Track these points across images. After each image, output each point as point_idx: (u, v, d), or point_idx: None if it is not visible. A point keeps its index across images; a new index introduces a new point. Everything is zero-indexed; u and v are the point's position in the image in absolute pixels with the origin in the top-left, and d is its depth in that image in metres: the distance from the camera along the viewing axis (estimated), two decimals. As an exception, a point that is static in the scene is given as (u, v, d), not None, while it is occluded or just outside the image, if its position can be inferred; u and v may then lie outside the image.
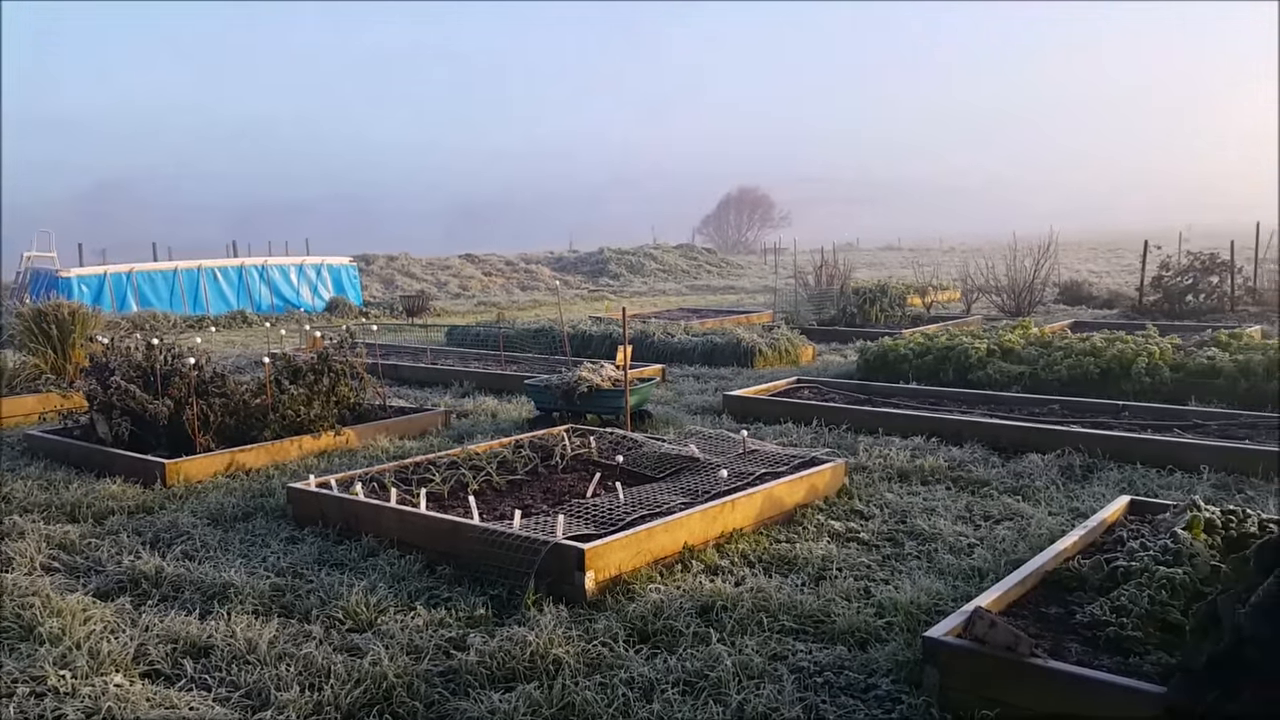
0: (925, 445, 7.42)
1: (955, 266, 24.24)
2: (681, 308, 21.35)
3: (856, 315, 16.43)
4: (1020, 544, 5.07)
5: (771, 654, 3.90)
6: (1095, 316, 17.03)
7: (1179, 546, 4.24)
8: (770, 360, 12.24)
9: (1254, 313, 16.18)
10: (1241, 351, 9.12)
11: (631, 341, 12.75)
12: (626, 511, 5.28)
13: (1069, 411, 8.20)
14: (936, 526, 5.45)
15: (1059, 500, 5.92)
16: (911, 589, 4.44)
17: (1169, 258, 17.40)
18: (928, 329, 13.73)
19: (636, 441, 6.89)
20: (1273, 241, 20.25)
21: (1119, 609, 3.74)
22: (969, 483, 6.42)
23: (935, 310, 18.44)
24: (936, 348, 10.46)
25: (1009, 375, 9.58)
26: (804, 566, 4.92)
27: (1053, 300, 19.75)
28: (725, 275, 36.27)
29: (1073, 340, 10.01)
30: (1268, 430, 7.33)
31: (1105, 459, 6.74)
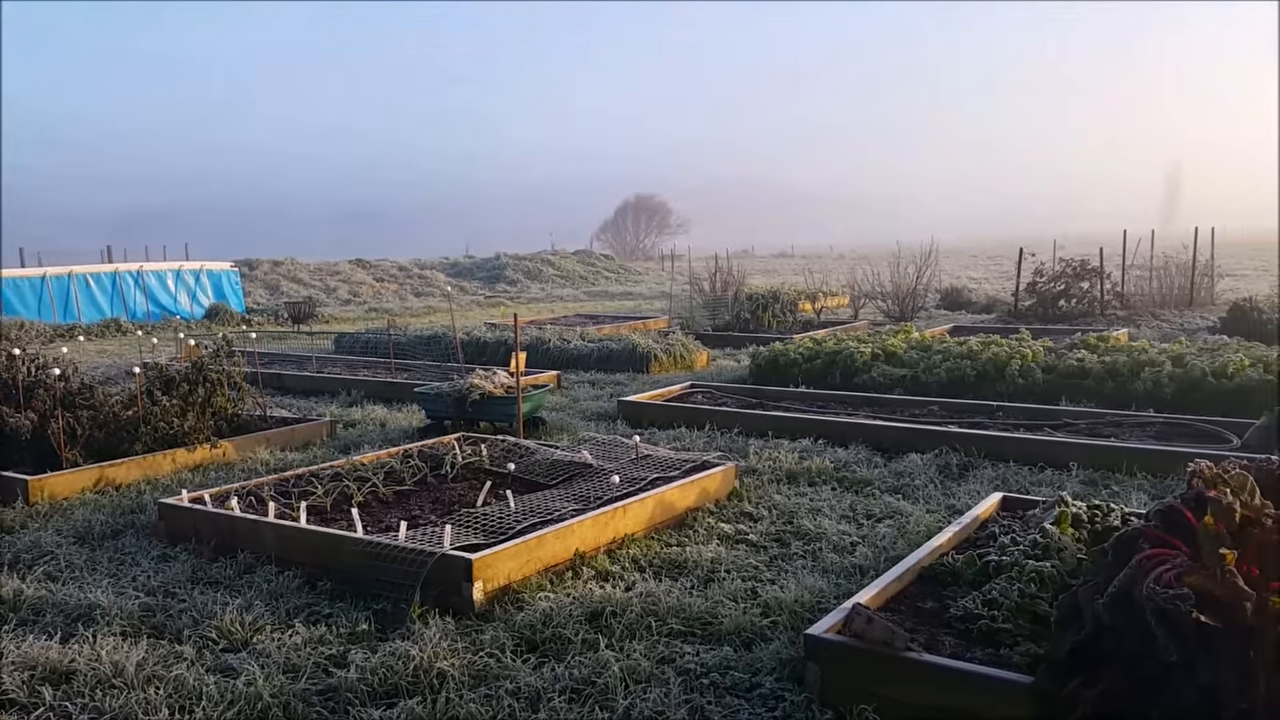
0: (813, 447, 7.57)
1: (845, 273, 24.88)
2: (579, 314, 21.34)
3: (750, 321, 16.70)
4: (900, 541, 5.22)
5: (659, 657, 3.91)
6: (974, 321, 17.71)
7: (1048, 541, 4.42)
8: (666, 365, 12.32)
9: (1122, 316, 17.08)
10: (1108, 353, 9.61)
11: (527, 348, 12.69)
12: (517, 520, 5.23)
13: (947, 412, 8.50)
14: (822, 526, 5.57)
15: (937, 498, 6.12)
16: (796, 588, 4.52)
17: (1043, 264, 18.23)
18: (817, 334, 14.05)
19: (529, 449, 6.83)
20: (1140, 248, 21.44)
21: (990, 602, 3.88)
22: (853, 483, 6.58)
23: (825, 315, 18.90)
24: (825, 352, 10.71)
25: (892, 378, 9.87)
26: (694, 569, 4.96)
27: (935, 305, 20.46)
28: (623, 281, 36.40)
29: (951, 344, 10.39)
30: (1132, 428, 7.74)
31: (981, 457, 7.01)
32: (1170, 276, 19.23)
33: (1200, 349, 9.77)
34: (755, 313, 16.87)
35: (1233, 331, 13.30)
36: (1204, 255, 20.19)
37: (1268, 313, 14.33)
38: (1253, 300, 15.11)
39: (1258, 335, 12.60)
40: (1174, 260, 19.63)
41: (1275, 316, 14.10)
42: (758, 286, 19.73)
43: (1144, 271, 19.72)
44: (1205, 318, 16.49)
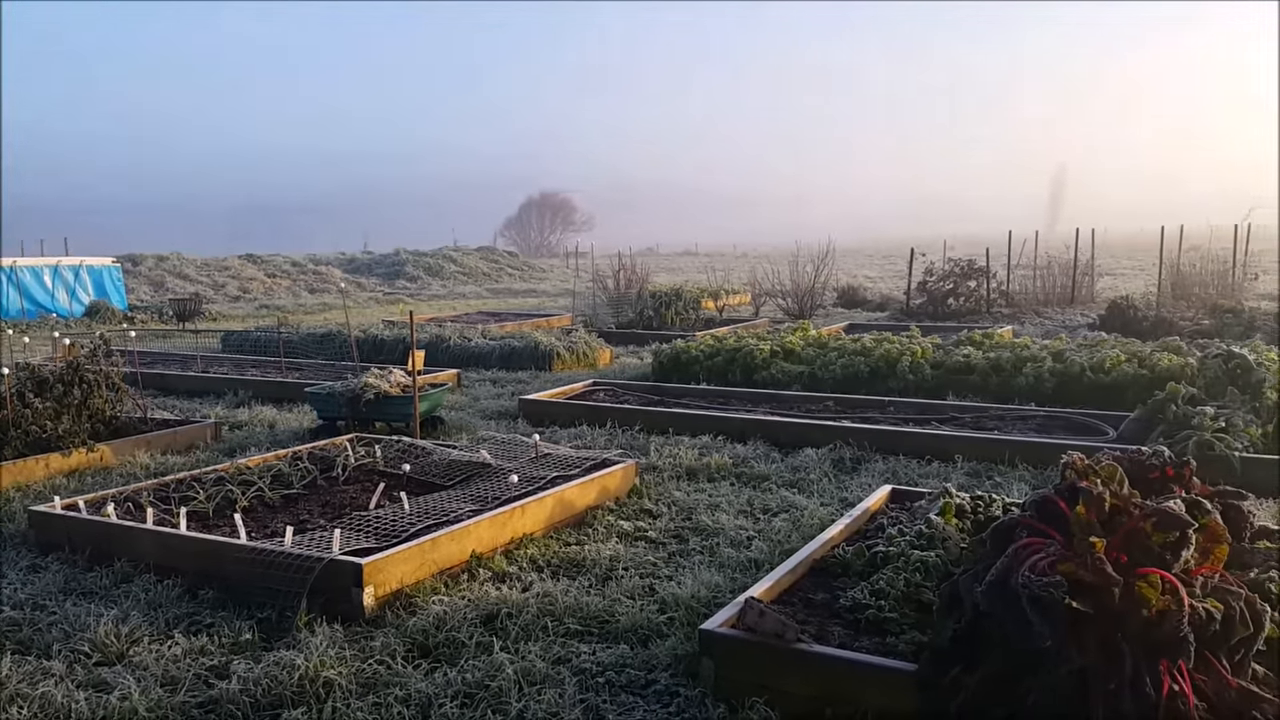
0: (713, 443, 7.64)
1: (747, 272, 25.22)
2: (481, 311, 21.10)
3: (654, 318, 16.79)
4: (794, 535, 5.30)
5: (555, 658, 3.88)
6: (869, 319, 18.18)
7: (932, 531, 4.56)
8: (569, 363, 12.28)
9: (1007, 314, 17.77)
10: (993, 350, 9.97)
11: (426, 346, 12.49)
12: (411, 522, 5.13)
13: (842, 407, 8.70)
14: (720, 522, 5.62)
15: (830, 491, 6.25)
16: (693, 584, 4.55)
17: (933, 264, 18.82)
18: (719, 331, 14.21)
19: (426, 449, 6.71)
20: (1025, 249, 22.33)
21: (878, 592, 3.98)
22: (751, 478, 6.66)
23: (727, 313, 19.14)
24: (725, 349, 10.83)
25: (790, 375, 10.05)
26: (592, 568, 4.94)
27: (832, 303, 20.92)
28: (527, 279, 36.16)
29: (846, 341, 10.63)
30: (1014, 421, 8.05)
31: (873, 451, 7.18)
32: (1053, 276, 20.10)
33: (1079, 345, 10.22)
34: (659, 310, 16.98)
35: (1111, 328, 13.95)
36: (1085, 255, 21.15)
37: (1143, 310, 15.10)
38: (1129, 298, 15.90)
39: (1134, 331, 13.26)
40: (1057, 260, 20.52)
41: (1150, 314, 14.87)
42: (661, 284, 19.86)
43: (1029, 271, 20.57)
44: (1085, 315, 17.27)
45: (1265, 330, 12.49)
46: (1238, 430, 6.47)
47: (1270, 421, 6.69)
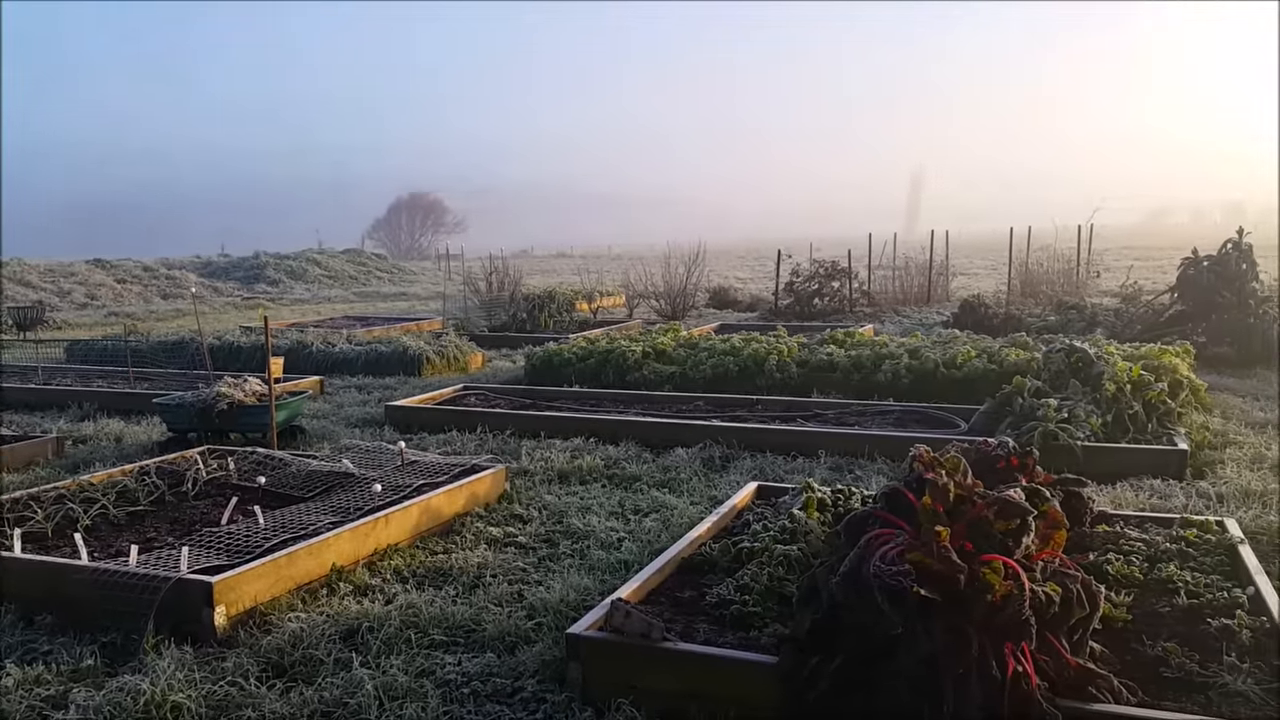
0: (585, 445, 7.62)
1: (621, 273, 25.33)
2: (347, 315, 20.51)
3: (527, 321, 16.67)
4: (664, 534, 5.34)
5: (419, 671, 3.78)
6: (740, 319, 18.53)
7: (795, 525, 4.67)
8: (439, 368, 12.06)
9: (869, 313, 18.41)
10: (854, 348, 10.30)
11: (286, 352, 12.03)
12: (266, 537, 4.92)
13: (712, 407, 8.82)
14: (590, 524, 5.61)
15: (700, 490, 6.32)
16: (562, 588, 4.52)
17: (799, 265, 19.34)
18: (592, 333, 14.21)
19: (283, 460, 6.45)
20: (885, 250, 23.20)
21: (743, 587, 4.04)
22: (623, 479, 6.68)
23: (601, 315, 19.17)
24: (598, 351, 10.84)
25: (662, 375, 10.13)
26: (459, 576, 4.85)
27: (704, 304, 21.21)
28: (397, 282, 35.35)
29: (716, 341, 10.79)
30: (874, 416, 8.33)
31: (741, 449, 7.31)
32: (911, 276, 20.95)
33: (934, 342, 10.66)
34: (532, 313, 16.87)
35: (963, 325, 14.61)
36: (940, 256, 22.12)
37: (994, 308, 15.87)
38: (980, 297, 16.70)
39: (985, 328, 13.92)
40: (914, 261, 21.40)
41: (1000, 311, 15.65)
42: (535, 287, 19.74)
43: (888, 271, 21.39)
44: (941, 313, 18.04)
45: (1106, 325, 13.31)
46: (1080, 420, 6.86)
47: (1109, 412, 7.12)
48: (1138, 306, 13.89)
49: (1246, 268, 11.64)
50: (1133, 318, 13.22)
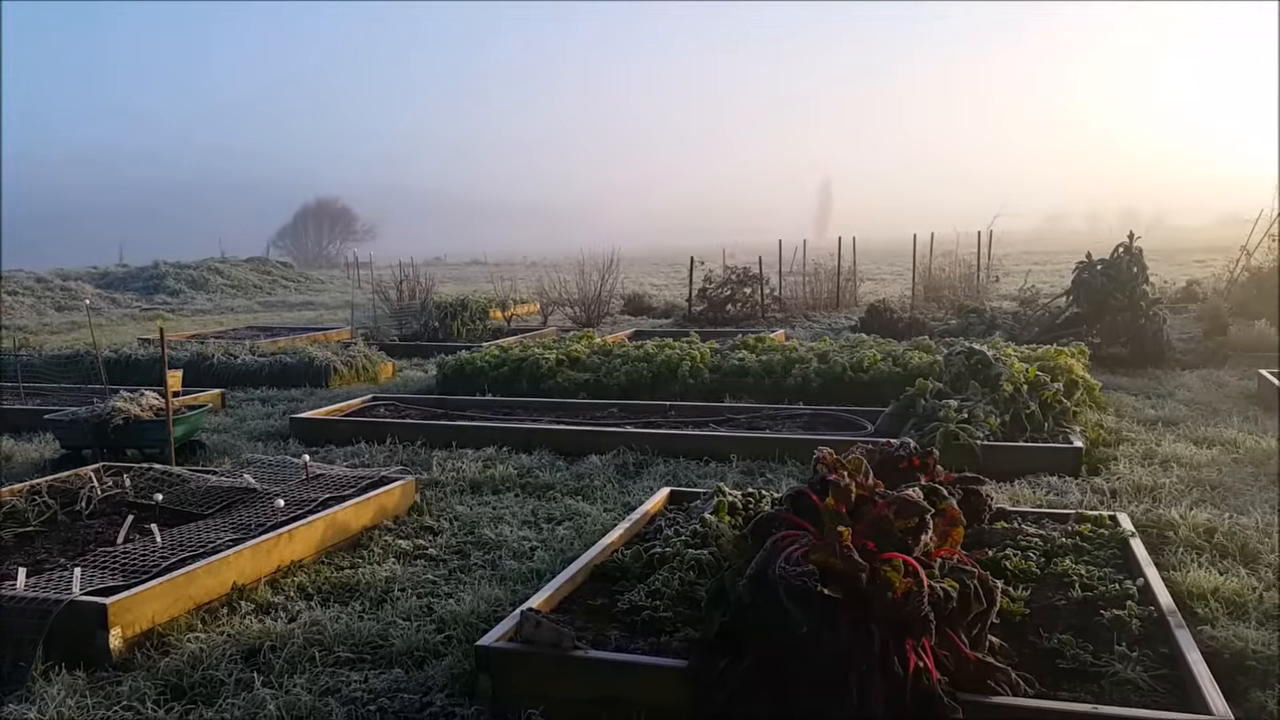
0: (498, 454, 7.55)
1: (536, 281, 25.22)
2: (251, 326, 19.92)
3: (439, 330, 16.45)
4: (577, 542, 5.32)
5: (323, 689, 3.69)
6: (654, 325, 18.62)
7: (706, 529, 4.71)
8: (347, 379, 11.81)
9: (780, 318, 18.69)
10: (765, 353, 10.45)
11: (187, 365, 11.65)
12: (164, 556, 4.74)
13: (626, 413, 8.84)
14: (503, 534, 5.56)
15: (614, 496, 6.32)
16: (473, 600, 4.47)
17: (712, 272, 19.53)
18: (506, 341, 14.10)
19: (182, 476, 6.23)
20: (796, 257, 23.59)
21: (654, 593, 4.05)
22: (536, 488, 6.64)
23: (516, 323, 19.02)
24: (511, 359, 10.76)
25: (576, 382, 10.11)
26: (366, 591, 4.75)
27: (619, 311, 21.26)
28: (303, 291, 34.51)
29: (630, 348, 10.83)
30: (784, 419, 8.46)
31: (655, 455, 7.33)
32: (820, 281, 21.35)
33: (842, 346, 10.88)
34: (444, 321, 16.66)
35: (870, 330, 14.94)
36: (848, 262, 22.60)
37: (899, 312, 16.28)
38: (886, 302, 17.12)
39: (891, 332, 14.26)
40: (823, 267, 21.81)
41: (905, 315, 16.06)
42: (447, 295, 19.49)
43: (799, 277, 21.76)
44: (849, 318, 18.42)
45: (1005, 328, 13.77)
46: (979, 420, 7.08)
47: (1007, 412, 7.37)
48: (1035, 309, 14.41)
49: (1137, 271, 12.17)
50: (1030, 320, 13.71)
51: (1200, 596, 4.30)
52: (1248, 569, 4.66)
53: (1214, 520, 5.34)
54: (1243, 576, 4.53)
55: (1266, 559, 4.76)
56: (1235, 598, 4.29)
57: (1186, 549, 4.93)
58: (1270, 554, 4.82)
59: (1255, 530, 5.18)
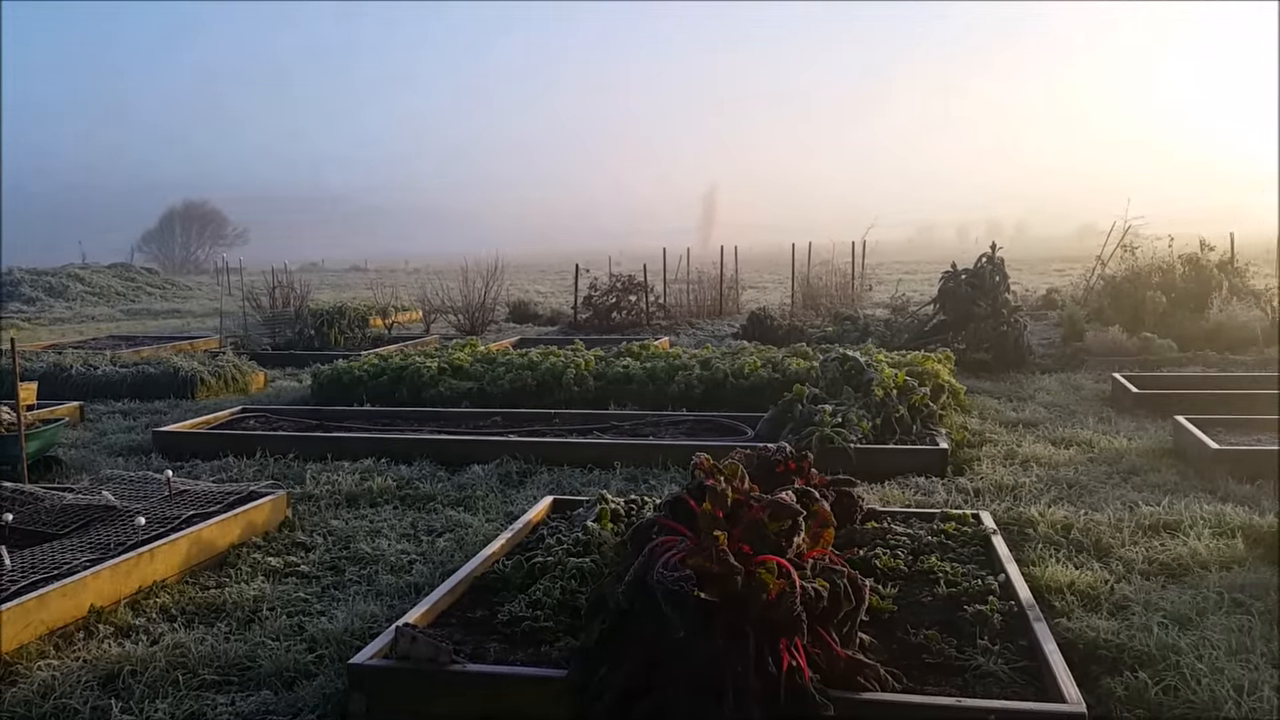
0: (376, 466, 7.37)
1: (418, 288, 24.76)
2: (113, 335, 18.93)
3: (315, 338, 15.98)
4: (458, 554, 5.24)
5: (187, 714, 3.52)
6: (540, 333, 18.53)
7: (589, 537, 4.70)
8: (215, 390, 11.33)
9: (665, 325, 18.86)
10: (649, 360, 10.52)
11: (41, 377, 10.96)
12: (14, 579, 4.45)
13: (510, 422, 8.77)
14: (380, 548, 5.42)
15: (497, 507, 6.25)
16: (347, 617, 4.34)
17: (597, 279, 19.58)
18: (385, 349, 13.81)
19: (34, 494, 5.86)
20: (681, 265, 23.87)
21: (535, 603, 4.03)
22: (416, 499, 6.51)
23: (397, 331, 18.63)
24: (391, 368, 10.53)
25: (459, 391, 9.97)
26: (234, 611, 4.56)
27: (504, 319, 21.08)
28: (170, 298, 33.00)
29: (514, 356, 10.74)
30: (668, 426, 8.54)
31: (539, 464, 7.29)
32: (704, 289, 21.66)
33: (724, 353, 11.05)
34: (320, 329, 16.18)
35: (751, 336, 15.25)
36: (731, 270, 23.00)
37: (778, 319, 16.66)
38: (766, 309, 17.49)
39: (771, 339, 14.58)
40: (707, 275, 22.14)
41: (784, 322, 16.44)
42: (325, 302, 18.95)
43: (683, 285, 22.02)
44: (731, 325, 18.73)
45: (877, 334, 14.24)
46: (852, 424, 7.30)
47: (879, 415, 7.62)
48: (905, 317, 14.97)
49: (999, 280, 12.77)
50: (901, 327, 14.22)
51: (1057, 590, 4.54)
52: (1100, 563, 4.93)
53: (1070, 517, 5.65)
54: (1096, 570, 4.79)
55: (1118, 553, 5.06)
56: (1089, 590, 4.54)
57: (1045, 545, 5.19)
58: (1121, 548, 5.12)
59: (1108, 525, 5.49)
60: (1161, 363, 12.06)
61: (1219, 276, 14.65)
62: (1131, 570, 4.79)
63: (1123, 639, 3.94)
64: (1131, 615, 4.20)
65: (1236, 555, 4.95)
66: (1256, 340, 12.82)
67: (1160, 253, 16.16)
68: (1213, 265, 14.88)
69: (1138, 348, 12.60)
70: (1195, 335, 13.14)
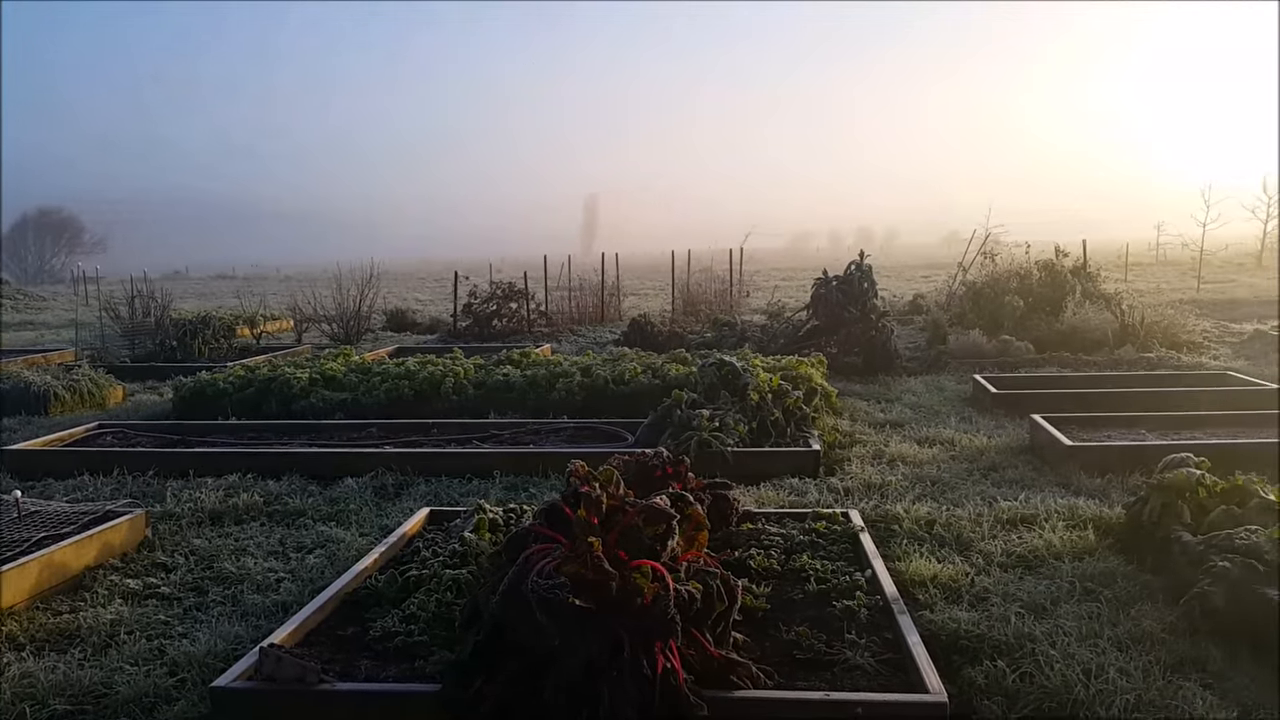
0: (242, 482, 7.09)
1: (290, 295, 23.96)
2: (-46, 349, 17.64)
3: (177, 349, 15.28)
4: (329, 570, 5.09)
5: (32, 751, 3.32)
6: (419, 342, 18.19)
7: (466, 548, 4.65)
8: (70, 406, 10.70)
9: (546, 332, 18.80)
10: (530, 367, 10.47)
11: None
12: None
13: (385, 433, 8.58)
14: (246, 567, 5.22)
15: (371, 520, 6.10)
16: (210, 638, 4.16)
17: (476, 287, 19.37)
18: (254, 360, 13.31)
19: None
20: (563, 272, 23.82)
21: (409, 617, 3.95)
22: (285, 515, 6.29)
23: (267, 341, 17.99)
24: (259, 380, 10.16)
25: (332, 403, 9.69)
26: (89, 637, 4.32)
27: (381, 327, 20.62)
28: (22, 309, 30.99)
29: (390, 365, 10.52)
30: (549, 434, 8.51)
31: (416, 475, 7.15)
32: (586, 296, 21.69)
33: (605, 360, 11.09)
34: (184, 340, 15.49)
35: (632, 343, 15.34)
36: (612, 277, 23.10)
37: (659, 326, 16.82)
38: (647, 316, 17.63)
39: (651, 345, 14.69)
40: (588, 282, 22.19)
41: (665, 329, 16.61)
42: (188, 311, 18.14)
43: (565, 292, 22.00)
44: (613, 331, 18.81)
45: (754, 340, 14.54)
46: (730, 428, 7.43)
47: (755, 419, 7.78)
48: (781, 322, 15.33)
49: (868, 286, 13.22)
50: (776, 332, 14.56)
51: (921, 584, 4.72)
52: (962, 556, 5.16)
53: (934, 513, 5.89)
54: (957, 563, 5.01)
55: (978, 546, 5.30)
56: (951, 583, 4.74)
57: (910, 540, 5.40)
58: (981, 541, 5.37)
59: (969, 520, 5.75)
60: (1019, 364, 12.71)
61: (1073, 281, 15.54)
62: (991, 563, 5.03)
63: (982, 629, 4.13)
64: (991, 606, 4.41)
65: (1088, 546, 5.25)
66: (1108, 341, 13.65)
67: (1018, 259, 17.07)
68: (1067, 271, 15.77)
69: (997, 350, 13.24)
70: (1051, 337, 13.90)
